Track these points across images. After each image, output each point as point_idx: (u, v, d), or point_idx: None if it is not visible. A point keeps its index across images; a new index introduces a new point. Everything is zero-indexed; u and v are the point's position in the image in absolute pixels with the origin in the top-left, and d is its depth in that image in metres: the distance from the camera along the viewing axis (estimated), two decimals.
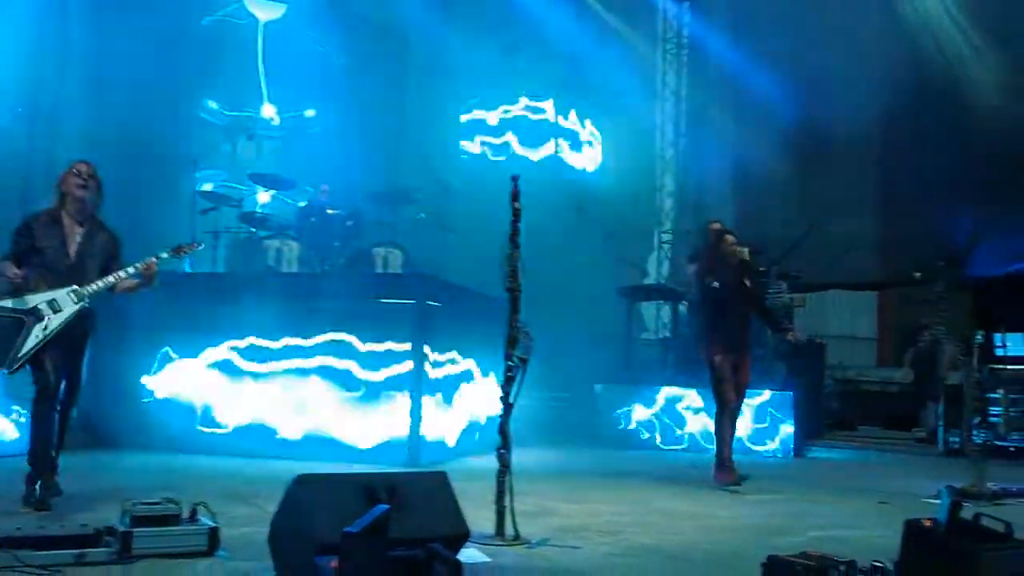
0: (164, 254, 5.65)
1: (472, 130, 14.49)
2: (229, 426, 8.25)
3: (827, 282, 14.81)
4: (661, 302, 14.31)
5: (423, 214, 10.88)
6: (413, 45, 13.85)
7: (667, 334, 13.34)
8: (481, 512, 4.75)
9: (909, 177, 14.06)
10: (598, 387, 10.97)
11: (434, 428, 8.18)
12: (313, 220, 10.10)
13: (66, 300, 5.33)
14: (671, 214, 16.22)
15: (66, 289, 5.35)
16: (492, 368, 9.00)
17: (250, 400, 8.19)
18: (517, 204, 5.07)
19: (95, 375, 5.79)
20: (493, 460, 4.95)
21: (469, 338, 8.85)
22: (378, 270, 9.53)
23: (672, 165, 16.44)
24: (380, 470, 6.19)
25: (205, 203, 10.09)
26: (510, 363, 4.99)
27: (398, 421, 7.85)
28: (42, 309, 5.27)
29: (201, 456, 7.80)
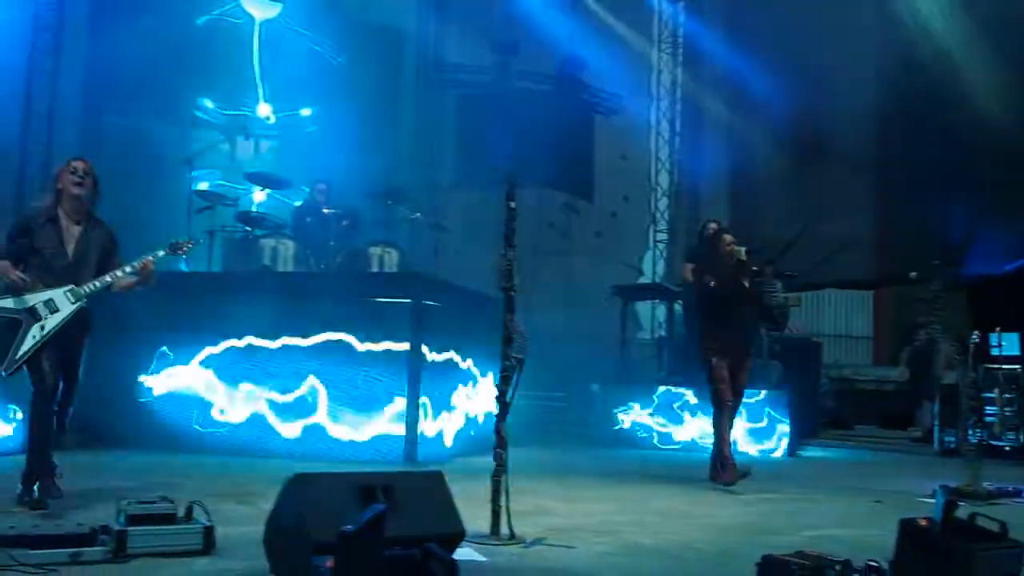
0: (161, 252, 5.63)
1: None
2: (226, 425, 8.25)
3: (823, 281, 14.82)
4: (656, 301, 14.32)
5: (419, 213, 10.89)
6: (408, 44, 13.86)
7: (663, 333, 13.34)
8: (477, 512, 4.75)
9: (904, 176, 14.10)
10: (594, 387, 10.95)
11: (431, 428, 8.18)
12: (309, 219, 10.09)
13: (63, 300, 5.31)
14: (666, 213, 16.25)
15: (63, 289, 5.33)
16: (489, 368, 9.00)
17: (247, 399, 8.19)
18: (512, 204, 5.07)
19: (92, 374, 5.78)
20: (489, 460, 4.95)
21: (466, 337, 8.84)
22: (374, 269, 9.54)
23: (667, 164, 16.46)
24: (376, 469, 6.20)
25: (201, 202, 10.07)
26: (506, 363, 4.99)
27: (395, 420, 7.85)
28: (39, 309, 5.25)
29: (198, 455, 7.78)
